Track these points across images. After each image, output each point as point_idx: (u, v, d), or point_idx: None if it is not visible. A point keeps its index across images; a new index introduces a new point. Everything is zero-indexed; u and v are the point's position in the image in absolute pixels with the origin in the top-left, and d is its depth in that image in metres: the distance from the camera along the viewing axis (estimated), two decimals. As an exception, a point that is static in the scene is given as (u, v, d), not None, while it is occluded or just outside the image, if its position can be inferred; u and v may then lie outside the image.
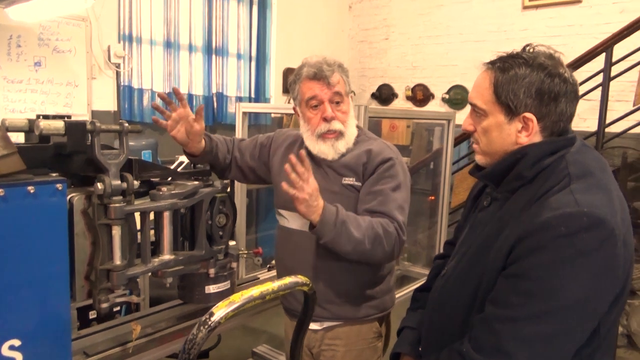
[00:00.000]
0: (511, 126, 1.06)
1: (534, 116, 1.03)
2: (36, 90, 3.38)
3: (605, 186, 1.02)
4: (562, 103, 1.04)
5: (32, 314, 1.16)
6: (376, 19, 5.73)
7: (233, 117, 4.56)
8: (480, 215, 1.19)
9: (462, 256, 1.18)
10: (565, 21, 4.48)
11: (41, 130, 1.23)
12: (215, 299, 1.61)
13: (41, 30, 3.36)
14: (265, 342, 3.09)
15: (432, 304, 1.26)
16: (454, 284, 1.18)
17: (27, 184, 1.13)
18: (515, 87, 1.03)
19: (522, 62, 1.04)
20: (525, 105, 1.03)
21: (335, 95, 1.54)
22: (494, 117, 1.07)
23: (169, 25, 4.09)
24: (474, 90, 1.12)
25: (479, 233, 1.14)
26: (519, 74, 1.03)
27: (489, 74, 1.08)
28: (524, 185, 1.06)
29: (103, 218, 1.30)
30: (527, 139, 1.06)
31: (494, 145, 1.10)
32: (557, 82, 1.02)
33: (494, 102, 1.06)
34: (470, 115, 1.14)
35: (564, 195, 0.98)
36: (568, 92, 1.04)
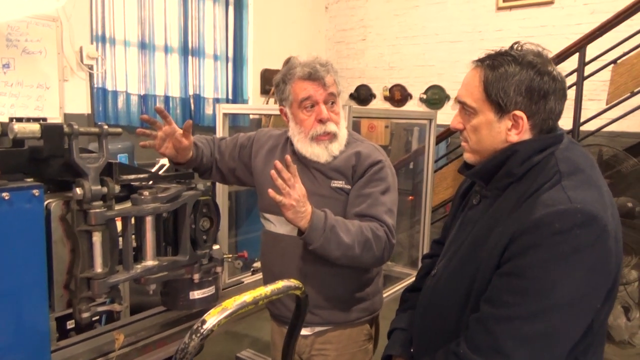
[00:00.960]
0: (501, 124, 1.06)
1: (524, 114, 1.03)
2: (5, 93, 3.26)
3: (595, 182, 1.03)
4: (552, 101, 1.04)
5: (9, 325, 1.11)
6: (353, 20, 5.74)
7: (211, 119, 4.51)
8: (470, 213, 1.18)
9: (453, 255, 1.17)
10: (538, 22, 4.57)
11: (15, 134, 1.17)
12: (200, 304, 1.57)
13: (9, 30, 3.25)
14: (249, 346, 3.05)
15: (423, 304, 1.25)
16: (445, 284, 1.17)
17: (2, 190, 1.08)
18: (506, 85, 1.02)
19: (511, 59, 1.04)
20: (516, 103, 1.03)
21: (330, 96, 1.51)
22: (484, 115, 1.07)
23: (143, 26, 4.01)
24: (463, 88, 1.11)
25: (470, 231, 1.14)
26: (509, 71, 1.03)
27: (478, 72, 1.08)
28: (513, 183, 1.06)
29: (83, 224, 1.25)
30: (517, 136, 1.05)
31: (483, 143, 1.09)
32: (546, 80, 1.02)
33: (484, 100, 1.06)
34: (459, 113, 1.13)
35: (556, 192, 0.98)
36: (557, 90, 1.04)
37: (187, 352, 0.80)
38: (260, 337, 3.26)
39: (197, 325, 0.81)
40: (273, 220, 1.62)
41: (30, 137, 1.20)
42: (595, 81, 3.95)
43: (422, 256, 1.51)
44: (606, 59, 3.76)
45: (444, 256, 1.23)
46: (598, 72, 3.78)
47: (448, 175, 4.09)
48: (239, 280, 2.06)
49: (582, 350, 1.02)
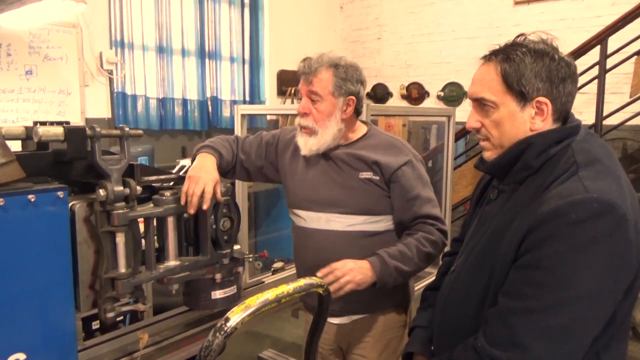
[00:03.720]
0: (524, 113, 1.05)
1: (547, 99, 1.03)
2: (28, 99, 3.33)
3: (614, 172, 1.01)
4: (569, 84, 1.04)
5: (37, 326, 1.13)
6: (368, 19, 5.72)
7: (228, 121, 4.54)
8: (488, 208, 1.17)
9: (472, 250, 1.16)
10: (557, 15, 4.49)
11: (40, 137, 1.20)
12: (221, 304, 1.58)
13: (31, 38, 3.31)
14: (270, 346, 3.05)
15: (442, 301, 1.24)
16: (464, 279, 1.16)
17: (28, 193, 1.10)
18: (526, 73, 1.02)
19: (524, 50, 1.04)
20: (538, 90, 1.02)
21: (311, 93, 1.53)
22: (506, 107, 1.05)
23: (160, 30, 4.05)
24: (479, 84, 1.09)
25: (488, 226, 1.12)
26: (526, 60, 1.02)
27: (493, 66, 1.06)
28: (531, 176, 1.05)
29: (106, 225, 1.27)
30: (543, 123, 1.05)
31: (508, 136, 1.07)
32: (562, 64, 1.03)
33: (505, 91, 1.04)
34: (476, 111, 1.11)
35: (572, 182, 0.97)
36: (572, 73, 1.05)
37: (212, 349, 0.80)
38: (282, 337, 3.27)
39: (220, 323, 0.81)
40: (303, 216, 1.65)
41: (54, 140, 1.23)
42: (617, 74, 3.86)
43: (442, 254, 1.50)
44: (628, 51, 3.67)
45: (463, 252, 1.22)
46: (620, 65, 3.70)
47: (467, 172, 4.05)
48: (259, 280, 2.06)
49: (604, 344, 1.00)
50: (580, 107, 4.18)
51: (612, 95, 3.98)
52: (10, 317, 1.09)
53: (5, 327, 1.08)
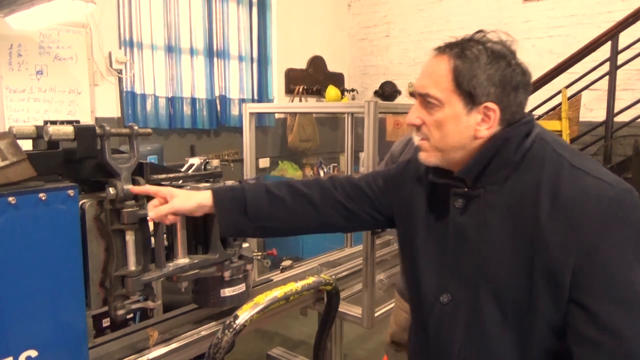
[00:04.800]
0: (470, 117, 0.96)
1: (496, 106, 0.95)
2: (39, 99, 3.36)
3: (588, 156, 0.99)
4: (521, 94, 0.97)
5: (48, 323, 1.14)
6: (376, 17, 5.70)
7: (237, 120, 4.55)
8: (461, 220, 1.02)
9: (471, 274, 1.00)
10: (567, 11, 4.45)
11: (50, 136, 1.21)
12: (230, 302, 1.58)
13: (41, 38, 3.34)
14: (279, 344, 3.06)
15: (440, 338, 1.05)
16: (475, 310, 0.99)
17: (39, 191, 1.11)
18: (479, 74, 0.93)
19: (481, 48, 0.95)
20: (488, 94, 0.94)
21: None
22: (451, 107, 0.96)
23: (169, 29, 4.07)
24: (426, 78, 1.00)
25: (478, 241, 0.99)
26: (482, 60, 0.94)
27: (445, 60, 0.97)
28: (511, 174, 0.97)
29: (116, 223, 1.28)
30: (488, 131, 0.97)
31: (449, 140, 0.99)
32: (518, 71, 0.96)
33: (453, 90, 0.95)
34: (419, 106, 1.02)
35: (582, 179, 0.90)
36: (526, 83, 0.97)
37: (221, 346, 0.80)
38: (291, 335, 3.27)
39: (229, 320, 0.82)
40: None
41: (64, 139, 1.24)
42: (629, 70, 3.82)
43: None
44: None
45: (445, 278, 1.05)
46: (632, 61, 3.66)
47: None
48: (268, 278, 2.07)
49: None
50: (591, 104, 4.14)
51: (624, 92, 3.94)
52: (22, 315, 1.10)
53: (17, 324, 1.09)
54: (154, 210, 1.23)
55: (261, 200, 1.23)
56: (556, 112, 3.63)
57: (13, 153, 1.12)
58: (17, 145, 1.16)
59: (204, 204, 1.24)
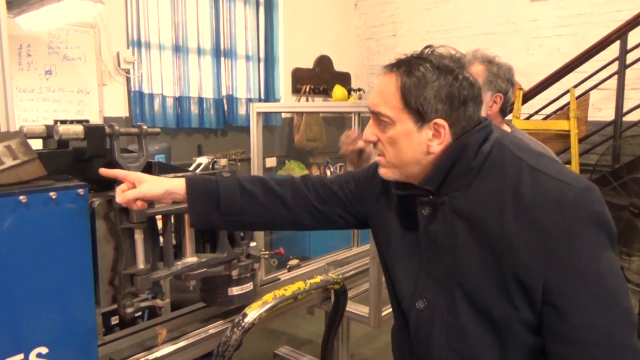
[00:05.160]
0: (421, 134, 0.98)
1: (445, 122, 0.96)
2: (48, 98, 3.39)
3: (548, 156, 1.01)
4: (471, 107, 0.98)
5: (58, 321, 1.15)
6: (383, 16, 5.70)
7: (244, 119, 4.56)
8: (430, 227, 1.04)
9: (445, 279, 1.02)
10: (576, 10, 4.42)
11: (60, 135, 1.22)
12: (238, 300, 1.59)
13: (50, 38, 3.37)
14: (286, 343, 3.07)
15: (419, 342, 1.07)
16: (451, 313, 1.01)
17: (49, 190, 1.12)
18: (425, 92, 0.95)
19: (428, 65, 0.97)
20: (436, 111, 0.96)
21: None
22: (402, 124, 0.98)
23: (177, 29, 4.09)
24: (377, 96, 1.01)
25: (449, 248, 1.01)
26: (428, 77, 0.95)
27: (393, 78, 0.98)
28: (474, 180, 0.98)
29: (125, 222, 1.29)
30: (440, 147, 0.98)
31: (403, 156, 1.00)
32: (465, 85, 0.96)
33: (402, 108, 0.97)
34: (373, 124, 1.04)
35: (543, 181, 0.92)
36: (475, 96, 0.98)
37: (229, 344, 0.81)
38: (297, 334, 3.28)
39: (238, 318, 0.82)
40: None
41: (74, 138, 1.25)
42: (638, 69, 3.80)
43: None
44: (649, 46, 3.62)
45: (420, 284, 1.06)
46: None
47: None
48: (275, 277, 2.07)
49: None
50: (599, 104, 4.12)
51: (632, 91, 3.91)
52: (33, 312, 1.11)
53: (28, 321, 1.10)
54: (121, 195, 1.20)
55: (234, 195, 1.23)
56: (564, 111, 3.62)
57: (24, 152, 1.13)
58: (27, 144, 1.17)
59: (174, 191, 1.23)
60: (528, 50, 4.71)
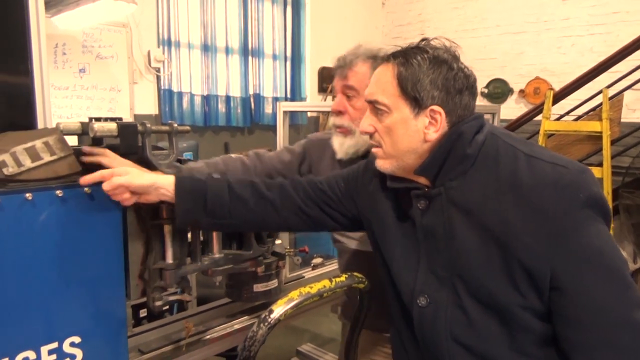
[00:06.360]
0: (418, 121, 0.99)
1: (442, 109, 0.98)
2: (81, 96, 3.49)
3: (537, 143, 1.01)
4: (466, 96, 1.00)
5: (91, 311, 1.19)
6: (410, 15, 5.66)
7: (270, 118, 4.60)
8: (426, 220, 1.04)
9: (446, 273, 1.01)
10: (610, 8, 4.31)
11: (95, 132, 1.26)
12: (263, 297, 1.61)
13: (85, 37, 3.47)
14: (309, 341, 3.09)
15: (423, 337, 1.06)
16: (454, 306, 1.00)
17: (84, 186, 1.16)
18: (422, 79, 0.97)
19: (425, 55, 0.99)
20: (432, 98, 0.98)
21: (346, 88, 1.38)
22: (399, 112, 1.00)
23: (205, 29, 4.15)
24: (374, 85, 1.04)
25: (446, 243, 1.01)
26: (423, 66, 0.98)
27: (390, 68, 1.01)
28: (469, 170, 0.99)
29: (155, 218, 1.32)
30: (436, 134, 0.99)
31: (400, 145, 1.02)
32: (460, 75, 0.99)
33: (399, 95, 0.99)
34: (370, 114, 1.05)
35: (539, 166, 0.93)
36: (470, 86, 1.01)
37: (256, 339, 0.83)
38: (320, 332, 3.30)
39: (264, 314, 0.84)
40: (355, 237, 1.49)
41: (108, 136, 1.28)
42: (675, 70, 3.68)
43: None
44: (688, 46, 3.50)
45: (420, 280, 1.05)
46: (678, 60, 3.53)
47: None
48: (299, 275, 2.09)
49: None
50: (633, 104, 4.01)
51: (669, 92, 3.79)
52: (67, 303, 1.15)
53: (62, 312, 1.14)
54: (108, 182, 1.16)
55: (222, 198, 1.23)
56: (596, 112, 3.53)
57: (60, 148, 1.17)
58: (64, 141, 1.21)
59: (161, 186, 1.20)
60: (559, 49, 4.61)
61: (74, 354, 1.16)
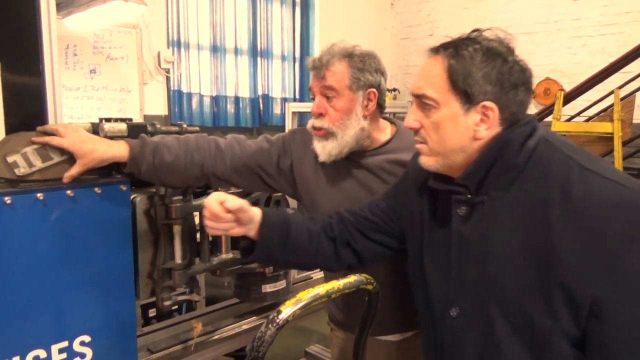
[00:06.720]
0: (468, 118, 0.92)
1: (495, 105, 0.90)
2: (92, 96, 3.52)
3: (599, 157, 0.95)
4: (522, 92, 0.92)
5: (101, 311, 1.20)
6: (419, 15, 5.65)
7: (279, 118, 4.61)
8: (464, 228, 0.97)
9: (478, 287, 0.95)
10: (622, 8, 4.27)
11: (106, 133, 1.27)
12: (271, 297, 1.62)
13: (95, 38, 3.50)
14: (317, 342, 3.08)
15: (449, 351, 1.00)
16: (483, 322, 0.94)
17: (94, 186, 1.17)
18: (474, 72, 0.90)
19: (477, 47, 0.92)
20: (485, 93, 0.90)
21: (325, 89, 1.32)
22: (448, 107, 0.92)
23: (215, 30, 4.17)
24: (422, 78, 0.96)
25: (483, 253, 0.94)
26: (476, 58, 0.91)
27: (440, 60, 0.93)
28: (517, 179, 0.92)
29: (164, 218, 1.33)
30: (487, 132, 0.92)
31: (447, 142, 0.94)
32: (515, 69, 0.91)
33: (449, 89, 0.92)
34: (416, 109, 0.98)
35: (595, 180, 0.85)
36: (526, 81, 0.93)
37: (264, 340, 0.83)
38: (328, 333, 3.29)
39: (273, 315, 0.84)
40: None
41: (118, 136, 1.29)
42: (688, 70, 3.64)
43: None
44: (702, 46, 3.46)
45: (452, 290, 1.00)
46: (692, 60, 3.49)
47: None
48: (307, 276, 2.09)
49: None
50: (645, 105, 3.96)
51: (682, 93, 3.74)
52: (78, 302, 1.16)
53: (73, 311, 1.15)
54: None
55: (303, 236, 1.17)
56: (608, 113, 3.50)
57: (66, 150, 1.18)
58: (75, 141, 1.22)
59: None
60: (570, 49, 4.57)
61: (83, 353, 1.17)
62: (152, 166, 1.24)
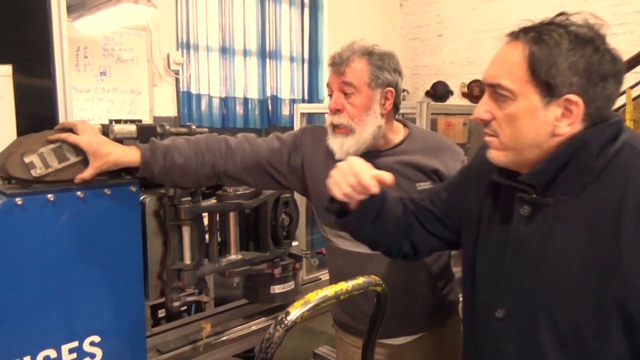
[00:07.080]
0: (548, 112, 0.83)
1: (580, 99, 0.81)
2: (102, 98, 3.54)
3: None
4: (611, 85, 0.83)
5: (110, 311, 1.21)
6: (428, 16, 5.63)
7: (287, 119, 4.61)
8: (526, 230, 0.90)
9: (532, 293, 0.89)
10: (633, 7, 4.23)
11: (115, 135, 1.28)
12: (279, 299, 1.62)
13: (105, 41, 3.52)
14: (325, 343, 3.08)
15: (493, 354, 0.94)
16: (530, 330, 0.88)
17: (104, 187, 1.18)
18: (559, 61, 0.80)
19: (563, 32, 0.82)
20: (570, 85, 0.81)
21: (344, 85, 1.31)
22: (526, 99, 0.84)
23: (224, 31, 4.18)
24: (497, 66, 0.87)
25: (536, 260, 0.88)
26: (562, 46, 0.81)
27: (520, 47, 0.84)
28: (590, 184, 0.84)
29: (173, 219, 1.33)
30: (569, 127, 0.83)
31: (522, 137, 0.86)
32: (607, 59, 0.82)
33: (528, 80, 0.83)
34: (488, 99, 0.89)
35: None
36: (617, 72, 0.84)
37: (272, 341, 0.82)
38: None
39: (281, 316, 0.83)
40: (347, 236, 1.39)
41: (128, 137, 1.30)
42: (702, 70, 3.58)
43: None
44: None
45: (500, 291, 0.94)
46: None
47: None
48: (316, 277, 2.09)
49: None
50: (658, 105, 3.91)
51: (695, 93, 3.70)
52: (88, 303, 1.17)
53: (83, 311, 1.16)
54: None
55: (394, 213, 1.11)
56: (620, 113, 3.45)
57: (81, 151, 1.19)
58: (85, 143, 1.23)
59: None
60: (581, 49, 4.53)
61: (93, 353, 1.18)
62: (164, 169, 1.24)
